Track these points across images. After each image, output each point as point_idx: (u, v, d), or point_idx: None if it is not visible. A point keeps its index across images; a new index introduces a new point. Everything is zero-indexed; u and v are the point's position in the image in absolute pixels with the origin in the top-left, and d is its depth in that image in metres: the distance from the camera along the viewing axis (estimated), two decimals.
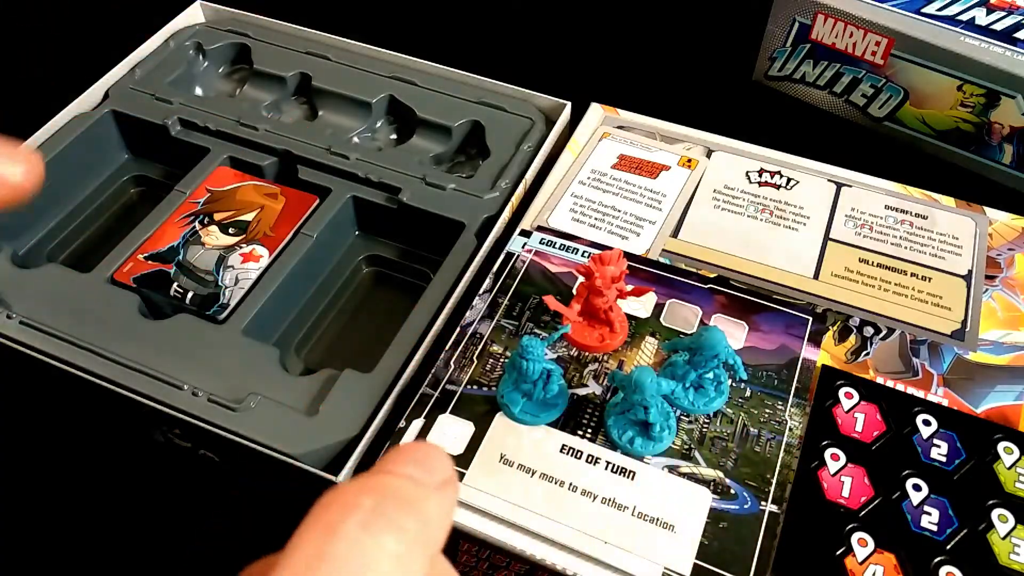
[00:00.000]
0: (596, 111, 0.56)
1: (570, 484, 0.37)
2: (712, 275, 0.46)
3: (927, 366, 0.42)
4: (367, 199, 0.51)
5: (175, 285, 0.47)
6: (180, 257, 0.48)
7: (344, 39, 0.60)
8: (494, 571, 0.38)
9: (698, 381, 0.40)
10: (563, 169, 0.52)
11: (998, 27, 0.56)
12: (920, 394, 0.41)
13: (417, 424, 0.40)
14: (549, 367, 0.39)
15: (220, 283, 0.47)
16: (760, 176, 0.52)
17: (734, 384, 0.41)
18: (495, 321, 0.44)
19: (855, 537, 0.36)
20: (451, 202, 0.50)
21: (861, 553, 0.35)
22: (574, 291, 0.44)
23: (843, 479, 0.37)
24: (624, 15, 0.73)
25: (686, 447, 0.39)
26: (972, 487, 0.37)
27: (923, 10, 0.57)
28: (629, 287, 0.42)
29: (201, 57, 0.61)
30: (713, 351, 0.38)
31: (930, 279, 0.46)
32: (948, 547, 0.35)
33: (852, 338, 0.43)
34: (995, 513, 0.36)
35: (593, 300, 0.41)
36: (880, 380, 0.41)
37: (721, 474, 0.38)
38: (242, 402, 0.40)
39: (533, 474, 0.38)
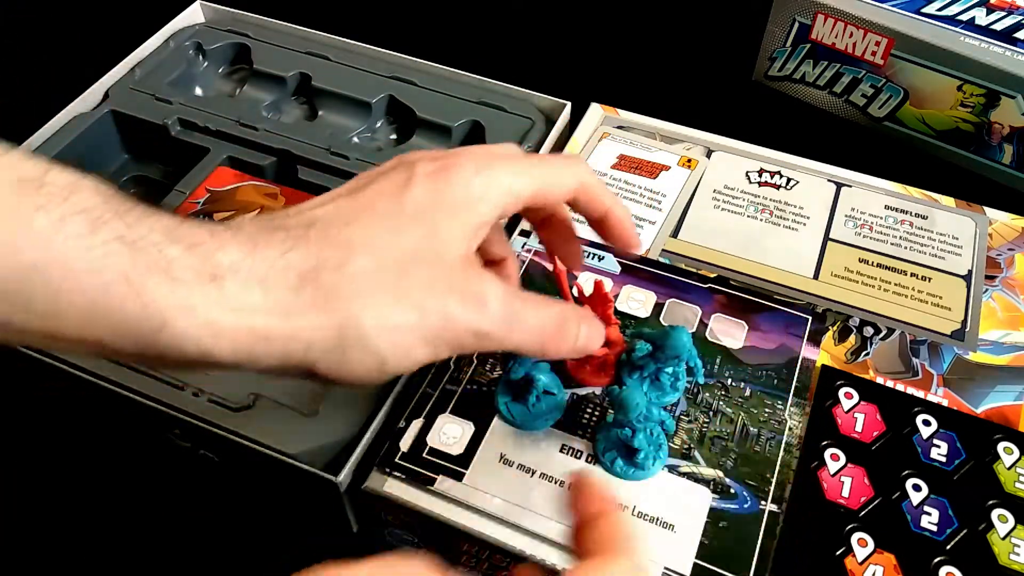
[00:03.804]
0: (596, 111, 0.56)
1: (570, 484, 0.37)
2: (712, 275, 0.46)
3: (927, 366, 0.42)
4: None
5: None
6: None
7: (344, 39, 0.60)
8: (494, 571, 0.38)
9: (656, 374, 0.39)
10: None
11: (998, 27, 0.56)
12: (920, 394, 0.41)
13: (417, 424, 0.40)
14: (541, 376, 0.38)
15: None
16: (760, 176, 0.52)
17: (690, 382, 0.41)
18: None
19: (855, 537, 0.36)
20: None
21: (861, 553, 0.35)
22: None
23: (843, 479, 0.37)
24: (624, 15, 0.73)
25: (686, 447, 0.39)
26: (972, 487, 0.37)
27: (923, 10, 0.57)
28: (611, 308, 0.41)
29: (201, 57, 0.61)
30: (675, 352, 0.38)
31: (930, 279, 0.46)
32: (948, 547, 0.35)
33: (852, 338, 0.43)
34: (995, 513, 0.36)
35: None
36: (880, 380, 0.41)
37: (721, 473, 0.38)
38: (242, 402, 0.40)
39: (533, 474, 0.38)
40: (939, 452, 0.38)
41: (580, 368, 0.41)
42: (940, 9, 0.57)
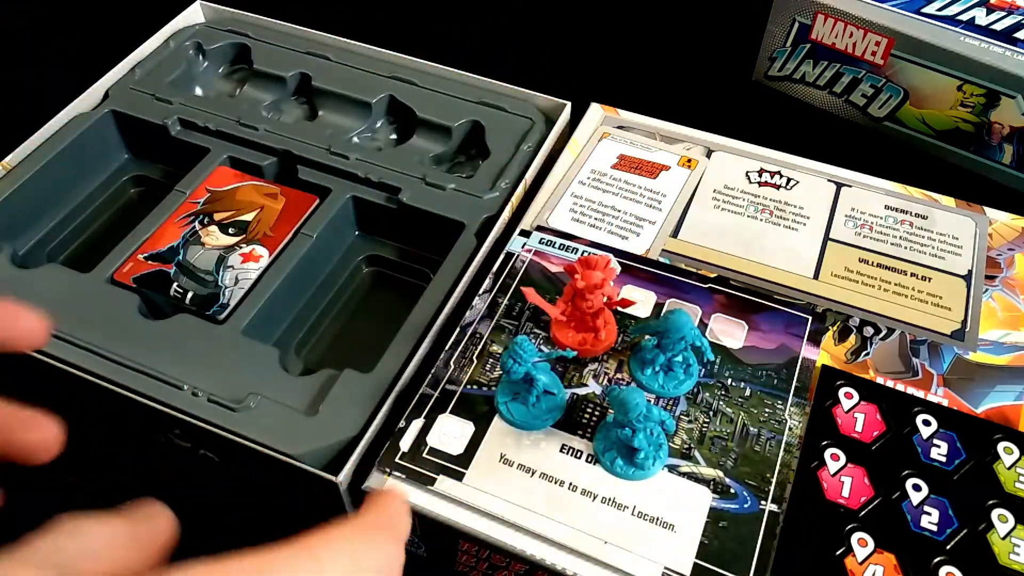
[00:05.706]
0: (596, 111, 0.56)
1: (570, 484, 0.37)
2: (712, 275, 0.46)
3: (927, 366, 0.42)
4: (367, 199, 0.51)
5: (175, 285, 0.47)
6: (180, 257, 0.48)
7: (344, 39, 0.60)
8: (494, 571, 0.38)
9: (667, 364, 0.40)
10: (563, 169, 0.52)
11: (998, 27, 0.56)
12: (920, 394, 0.41)
13: (417, 424, 0.40)
14: (541, 376, 0.38)
15: (220, 283, 0.47)
16: (760, 176, 0.52)
17: (704, 367, 0.41)
18: (495, 321, 0.44)
19: (855, 537, 0.36)
20: (451, 202, 0.50)
21: (861, 553, 0.35)
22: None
23: (843, 479, 0.37)
24: (624, 15, 0.73)
25: (686, 447, 0.39)
26: (972, 487, 0.37)
27: (923, 10, 0.57)
28: (619, 296, 0.42)
29: (201, 57, 0.61)
30: (679, 333, 0.39)
31: (930, 279, 0.46)
32: (948, 547, 0.35)
33: (852, 338, 0.43)
34: (995, 513, 0.36)
35: (577, 302, 0.41)
36: (880, 380, 0.41)
37: (721, 473, 0.38)
38: (242, 402, 0.40)
39: (533, 474, 0.38)
40: (939, 452, 0.38)
41: (563, 327, 0.42)
42: (940, 9, 0.57)
